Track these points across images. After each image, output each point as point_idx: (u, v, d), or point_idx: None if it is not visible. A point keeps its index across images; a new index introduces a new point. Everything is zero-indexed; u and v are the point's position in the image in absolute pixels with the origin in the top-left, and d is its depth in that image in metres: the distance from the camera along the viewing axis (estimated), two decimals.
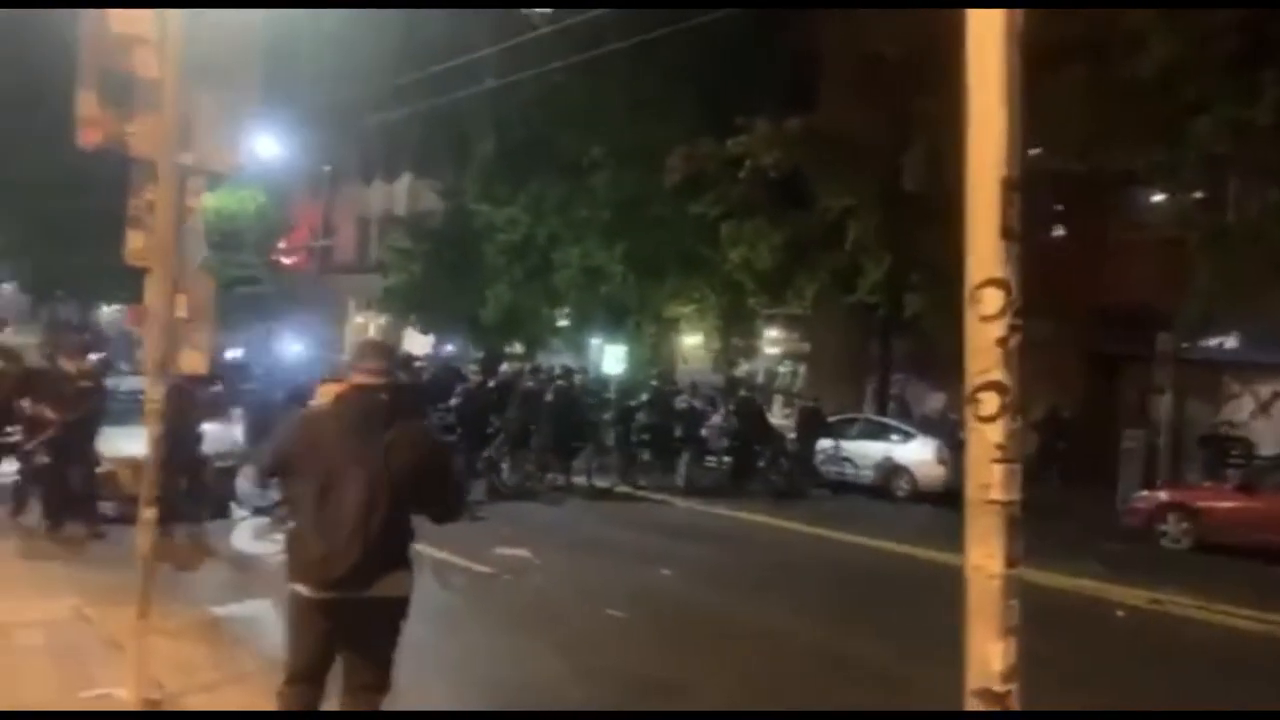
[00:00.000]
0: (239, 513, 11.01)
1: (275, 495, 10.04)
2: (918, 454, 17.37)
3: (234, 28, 4.87)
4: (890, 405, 21.31)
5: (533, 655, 6.88)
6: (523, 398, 15.56)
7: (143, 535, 4.85)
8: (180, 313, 4.94)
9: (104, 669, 5.29)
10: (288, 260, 37.33)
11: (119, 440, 9.33)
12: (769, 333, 25.08)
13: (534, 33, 20.02)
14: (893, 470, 17.53)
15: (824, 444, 18.28)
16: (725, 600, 9.07)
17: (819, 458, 18.22)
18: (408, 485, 3.76)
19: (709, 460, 17.95)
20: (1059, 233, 19.32)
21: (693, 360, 25.69)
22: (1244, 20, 12.68)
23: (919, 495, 16.86)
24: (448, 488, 4.22)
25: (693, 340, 25.47)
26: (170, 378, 5.01)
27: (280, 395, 12.79)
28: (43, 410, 9.04)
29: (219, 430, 11.54)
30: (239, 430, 13.34)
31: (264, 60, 5.16)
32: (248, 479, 10.53)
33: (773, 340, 25.33)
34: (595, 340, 25.70)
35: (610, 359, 24.56)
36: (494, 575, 9.26)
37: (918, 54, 13.56)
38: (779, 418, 21.59)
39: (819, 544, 12.79)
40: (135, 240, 4.86)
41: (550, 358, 24.09)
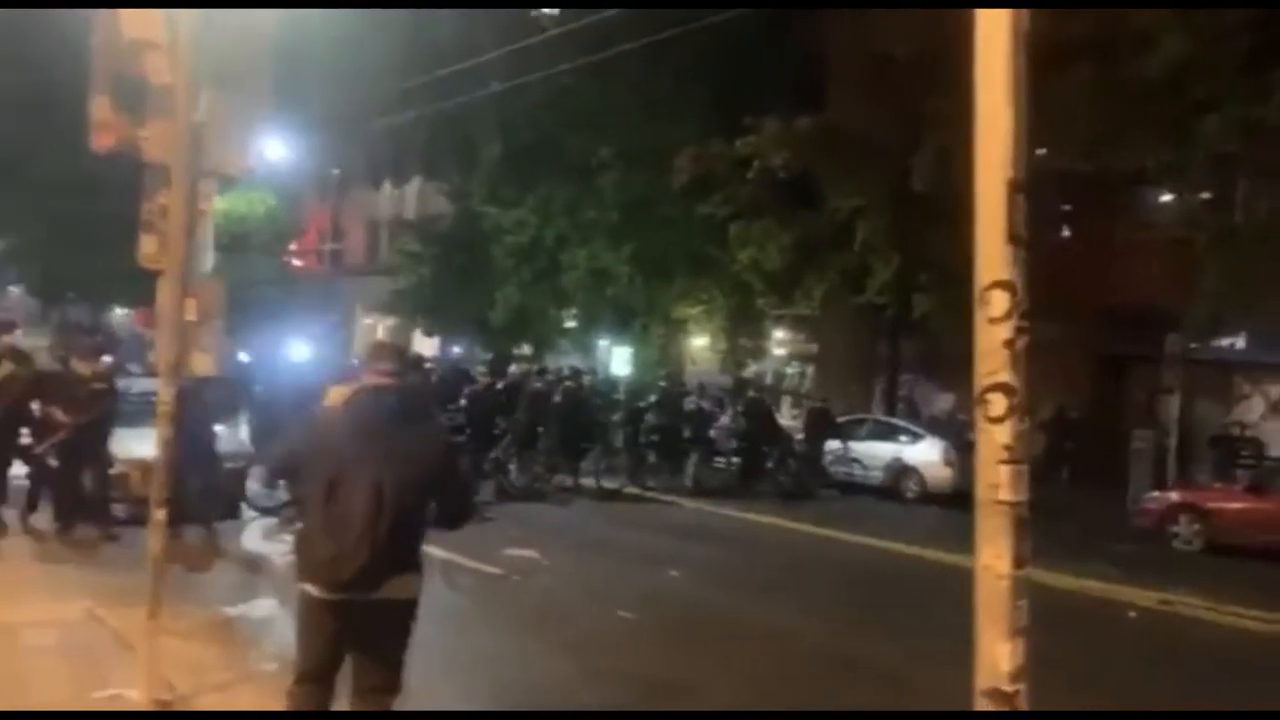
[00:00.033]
0: (248, 514, 11.05)
1: (283, 496, 10.13)
2: (926, 455, 17.34)
3: (246, 33, 4.89)
4: (899, 406, 21.28)
5: (541, 656, 6.90)
6: (530, 399, 15.58)
7: (154, 537, 4.87)
8: (190, 315, 4.95)
9: (116, 670, 5.32)
10: (297, 263, 37.46)
11: (130, 442, 9.36)
12: (777, 333, 25.05)
13: (542, 35, 20.04)
14: (901, 471, 17.50)
15: (832, 445, 18.26)
16: (734, 601, 9.07)
17: (827, 458, 18.21)
18: (418, 487, 3.75)
19: (717, 461, 17.92)
20: (1066, 233, 19.27)
21: (701, 361, 25.68)
22: (1254, 20, 12.65)
23: (927, 496, 16.84)
24: (458, 490, 4.22)
25: (701, 341, 25.45)
26: (182, 379, 5.03)
27: (288, 397, 12.84)
28: (54, 413, 9.07)
29: (227, 431, 11.59)
30: (246, 431, 13.41)
31: (273, 64, 5.18)
32: (256, 480, 10.57)
33: (781, 341, 25.30)
34: (603, 341, 25.70)
35: (618, 360, 24.58)
36: (502, 576, 9.27)
37: (927, 54, 13.56)
38: (787, 419, 21.58)
39: (827, 545, 12.78)
40: (148, 244, 4.89)
41: (558, 359, 24.10)
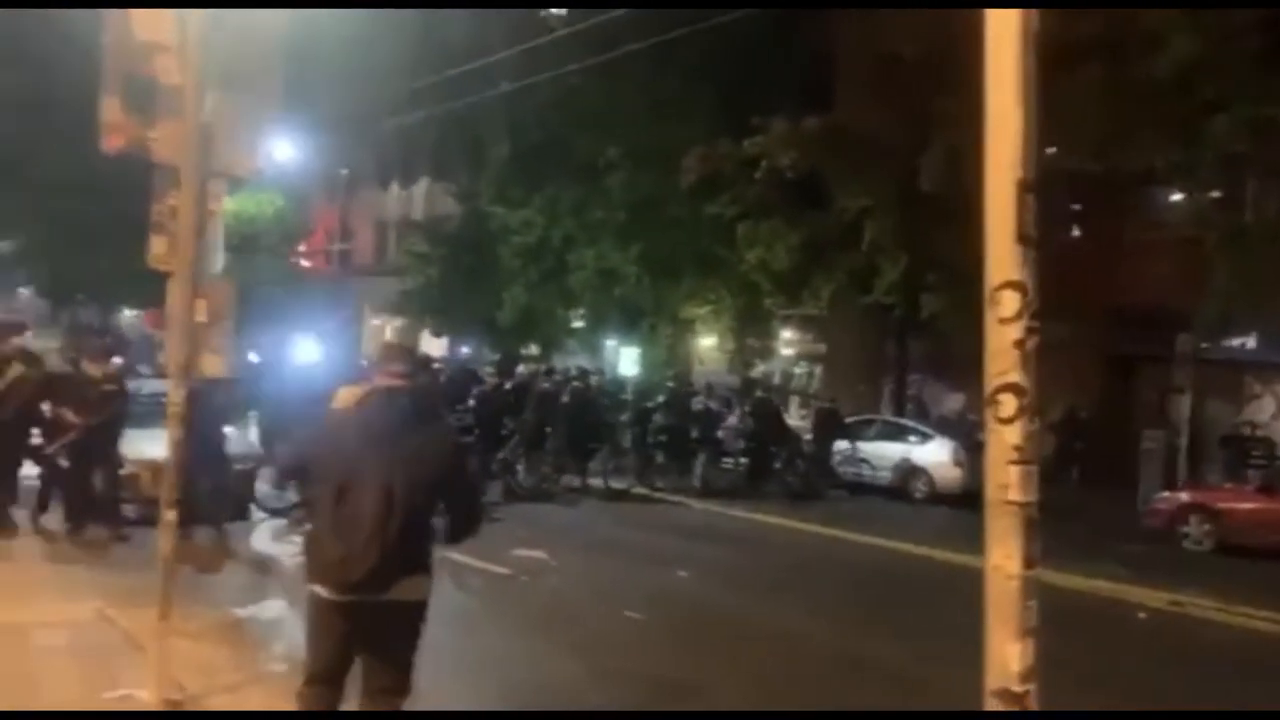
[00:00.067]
0: (257, 515, 11.08)
1: (292, 497, 10.15)
2: (935, 455, 17.31)
3: (256, 34, 4.91)
4: (908, 406, 21.25)
5: (549, 656, 6.90)
6: (538, 399, 15.59)
7: (164, 538, 4.88)
8: (200, 317, 4.97)
9: (126, 670, 5.33)
10: (306, 263, 37.56)
11: (140, 443, 9.40)
12: (785, 333, 25.04)
13: (550, 35, 20.06)
14: (910, 471, 17.47)
15: (841, 445, 18.23)
16: (742, 602, 9.07)
17: (836, 459, 18.18)
18: (427, 488, 3.75)
19: (725, 462, 17.90)
20: (1076, 233, 19.22)
21: (708, 361, 25.66)
22: (1263, 20, 12.60)
23: (936, 496, 16.81)
24: (466, 491, 4.22)
25: (708, 341, 25.44)
26: (192, 381, 5.05)
27: (297, 398, 12.86)
28: (65, 414, 9.10)
29: (236, 432, 11.62)
30: (255, 432, 13.43)
31: (283, 65, 5.20)
32: (266, 481, 10.61)
33: (789, 341, 25.28)
34: (610, 342, 25.71)
35: (625, 360, 24.58)
36: (511, 576, 9.28)
37: (935, 53, 13.53)
38: (796, 419, 21.55)
39: (835, 545, 12.76)
40: (158, 245, 4.90)
41: (566, 359, 24.11)
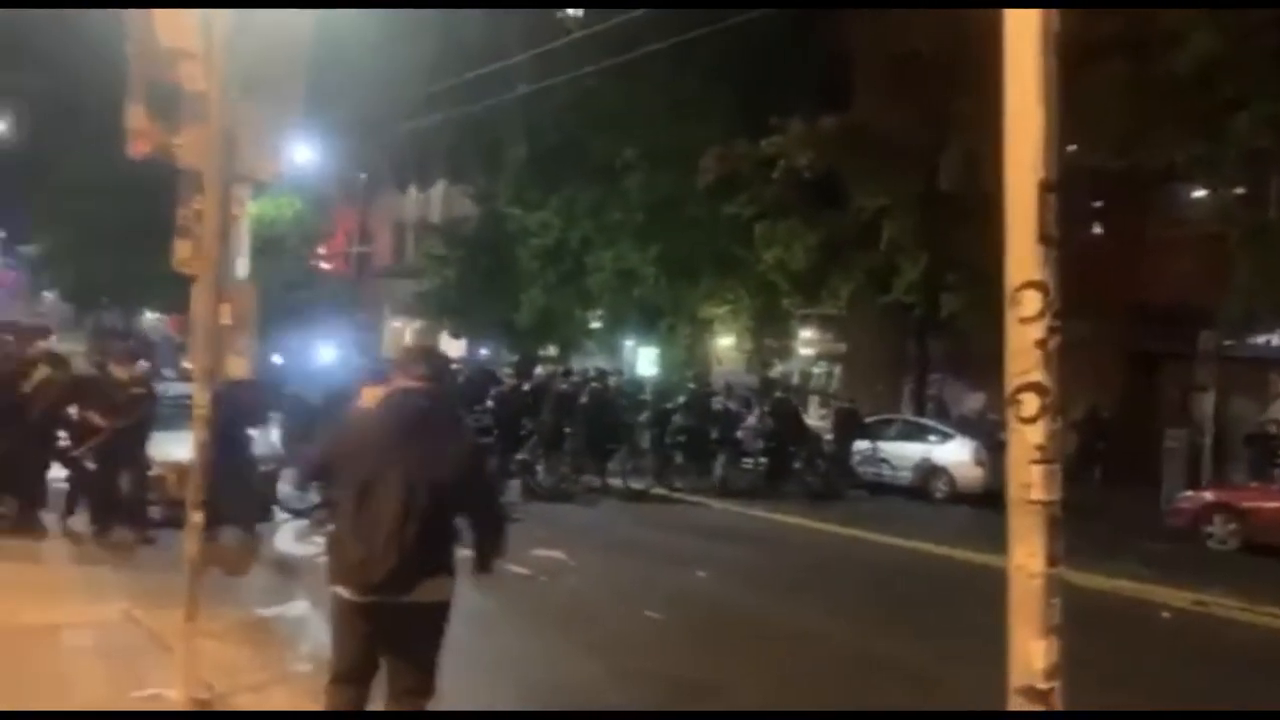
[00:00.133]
0: (280, 516, 11.16)
1: (314, 498, 10.22)
2: (956, 455, 17.24)
3: (279, 40, 4.96)
4: (928, 406, 21.17)
5: (568, 656, 6.92)
6: (556, 400, 15.64)
7: (190, 539, 4.93)
8: (225, 320, 5.02)
9: (153, 670, 5.37)
10: (326, 266, 37.81)
11: (166, 445, 9.49)
12: (804, 333, 25.00)
13: (568, 37, 20.10)
14: (931, 471, 17.41)
15: (861, 445, 18.19)
16: (761, 602, 9.06)
17: (856, 459, 18.14)
18: (446, 491, 3.76)
19: (745, 462, 17.89)
20: (1097, 230, 19.09)
21: (727, 361, 25.65)
22: None
23: (957, 496, 16.75)
24: (485, 493, 4.24)
25: (727, 341, 25.43)
26: (218, 383, 5.10)
27: (318, 399, 12.94)
28: (92, 416, 9.20)
29: (259, 434, 11.69)
30: (278, 434, 13.51)
31: (305, 71, 5.25)
32: (289, 482, 10.68)
33: (808, 341, 25.24)
34: (629, 342, 25.74)
35: (644, 361, 24.60)
36: (530, 577, 9.30)
37: (952, 51, 13.47)
38: (815, 419, 21.52)
39: (855, 545, 12.73)
40: (183, 249, 4.96)
41: (584, 360, 24.16)
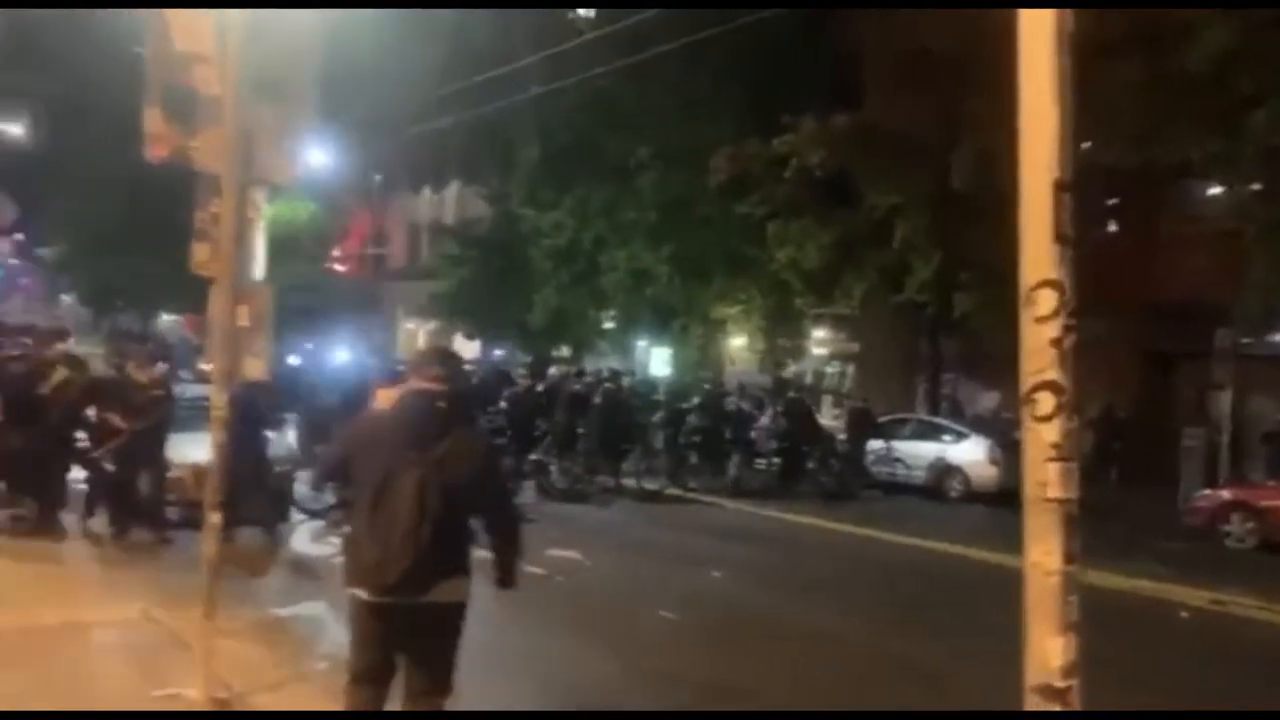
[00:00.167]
0: (296, 516, 11.22)
1: (330, 499, 10.27)
2: (970, 454, 17.18)
3: (293, 45, 4.99)
4: (942, 405, 21.11)
5: (584, 656, 6.93)
6: (568, 400, 15.67)
7: (208, 540, 4.97)
8: (242, 322, 5.05)
9: (173, 669, 5.40)
10: (341, 268, 37.97)
11: (183, 446, 9.55)
12: (817, 333, 24.96)
13: (580, 39, 20.14)
14: (945, 470, 17.36)
15: (875, 445, 18.15)
16: (776, 602, 9.06)
17: (869, 458, 18.10)
18: (461, 492, 3.76)
19: (758, 462, 17.89)
20: (1112, 228, 19.00)
21: (740, 361, 25.64)
22: None
23: (972, 495, 16.70)
24: (499, 493, 4.26)
25: (739, 341, 25.41)
26: (236, 384, 5.14)
27: (333, 401, 13.02)
28: (111, 418, 9.27)
29: (275, 435, 11.76)
30: (294, 435, 13.60)
31: (319, 74, 5.28)
32: (305, 483, 10.74)
33: (820, 340, 25.20)
34: (641, 342, 25.75)
35: (657, 361, 24.61)
36: (545, 577, 9.30)
37: (964, 49, 13.44)
38: (828, 418, 21.48)
39: (870, 545, 12.71)
40: (201, 252, 5.00)
41: (597, 361, 24.18)
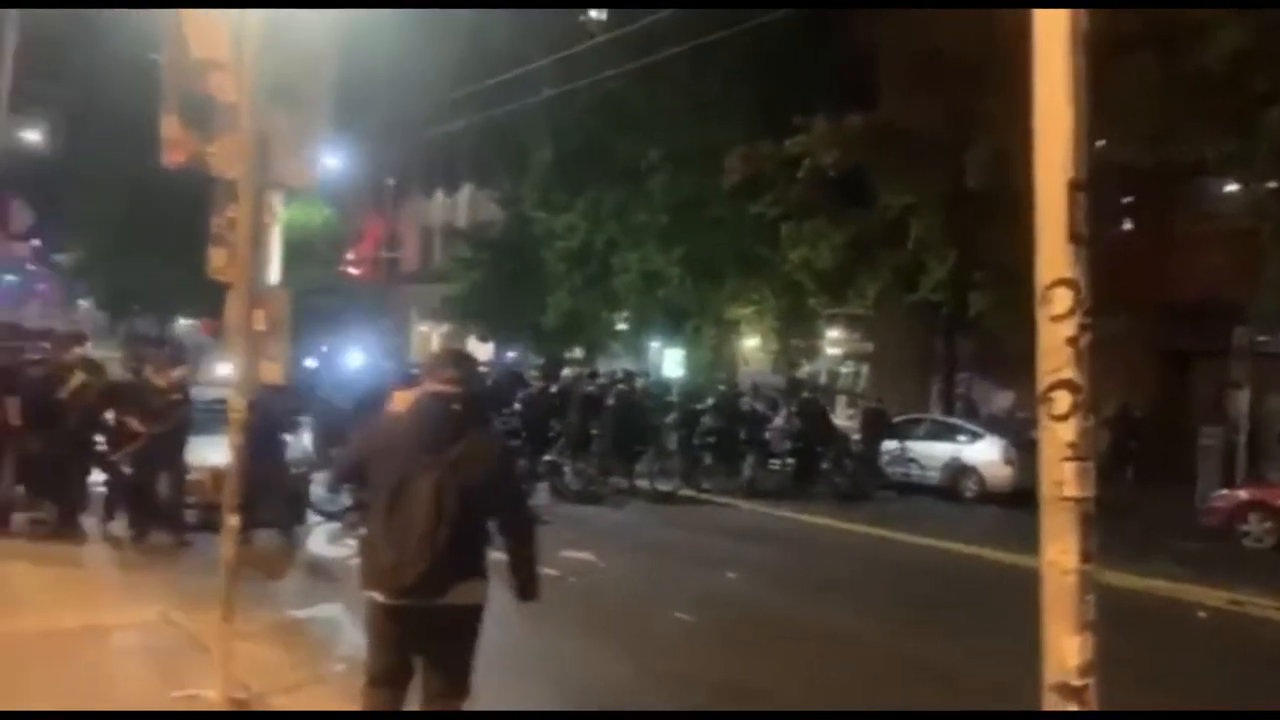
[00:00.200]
0: (312, 519, 11.27)
1: (346, 501, 10.32)
2: (985, 454, 17.12)
3: (308, 51, 5.03)
4: (956, 405, 21.04)
5: (598, 657, 6.93)
6: (582, 402, 15.68)
7: (227, 542, 5.01)
8: (259, 326, 5.08)
9: (191, 671, 5.44)
10: (355, 271, 38.13)
11: (201, 449, 9.61)
12: (830, 333, 24.92)
13: (590, 40, 20.18)
14: (960, 471, 17.30)
15: (889, 445, 18.10)
16: (790, 603, 9.05)
17: (884, 459, 18.05)
18: (476, 494, 3.76)
19: (772, 463, 17.86)
20: (1127, 226, 18.90)
21: (753, 362, 25.62)
22: None
23: (987, 496, 16.64)
24: (514, 496, 4.27)
25: (753, 342, 25.39)
26: (255, 388, 5.17)
27: (348, 404, 13.06)
28: (130, 422, 9.35)
29: (291, 438, 11.81)
30: (309, 437, 13.64)
31: (334, 80, 5.31)
32: (321, 485, 10.79)
33: (834, 341, 25.16)
34: (654, 344, 25.77)
35: (670, 362, 24.62)
36: (559, 578, 9.29)
37: (978, 48, 13.41)
38: (843, 419, 21.43)
39: (884, 546, 12.68)
40: (218, 256, 5.04)
41: (610, 362, 24.21)
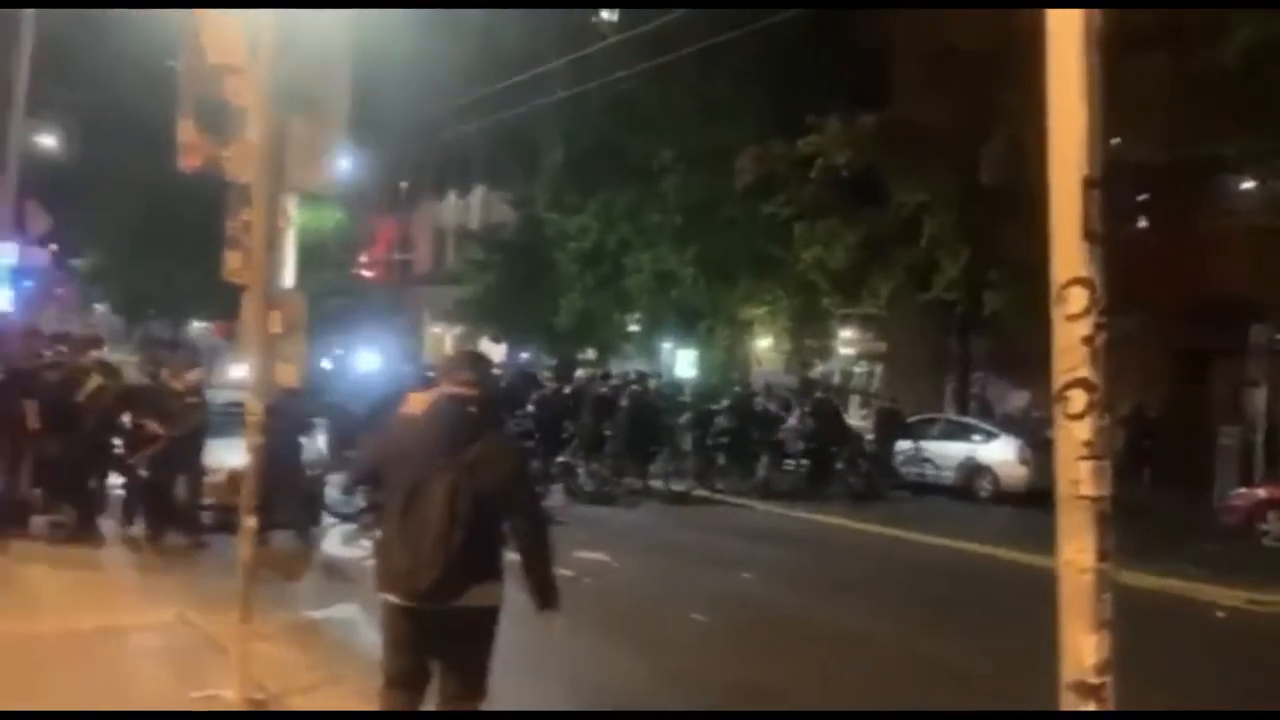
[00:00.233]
0: (327, 520, 11.32)
1: (360, 502, 10.36)
2: (1000, 454, 17.05)
3: (324, 56, 5.05)
4: (971, 404, 20.96)
5: (613, 658, 6.93)
6: (595, 403, 15.69)
7: (244, 544, 5.03)
8: (275, 328, 5.11)
9: (209, 671, 5.47)
10: (368, 273, 38.28)
11: (218, 451, 9.66)
12: (844, 333, 24.86)
13: (603, 42, 20.21)
14: (975, 470, 17.24)
15: (903, 445, 18.05)
16: (805, 603, 9.04)
17: (898, 459, 18.01)
18: (491, 496, 3.76)
19: (786, 463, 17.83)
20: (1143, 224, 18.79)
21: (766, 362, 25.59)
22: None
23: (1001, 496, 16.57)
24: (528, 497, 4.27)
25: (766, 342, 25.36)
26: (273, 391, 5.20)
27: (363, 406, 13.10)
28: (147, 425, 9.41)
29: (306, 440, 11.87)
30: (324, 439, 13.70)
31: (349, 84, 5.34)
32: (336, 487, 10.85)
33: (848, 340, 25.10)
34: (667, 345, 25.77)
35: (682, 363, 24.62)
36: (574, 579, 9.29)
37: (991, 44, 13.37)
38: (856, 419, 21.39)
39: (899, 546, 12.65)
40: (233, 260, 5.07)
41: (623, 363, 24.22)
